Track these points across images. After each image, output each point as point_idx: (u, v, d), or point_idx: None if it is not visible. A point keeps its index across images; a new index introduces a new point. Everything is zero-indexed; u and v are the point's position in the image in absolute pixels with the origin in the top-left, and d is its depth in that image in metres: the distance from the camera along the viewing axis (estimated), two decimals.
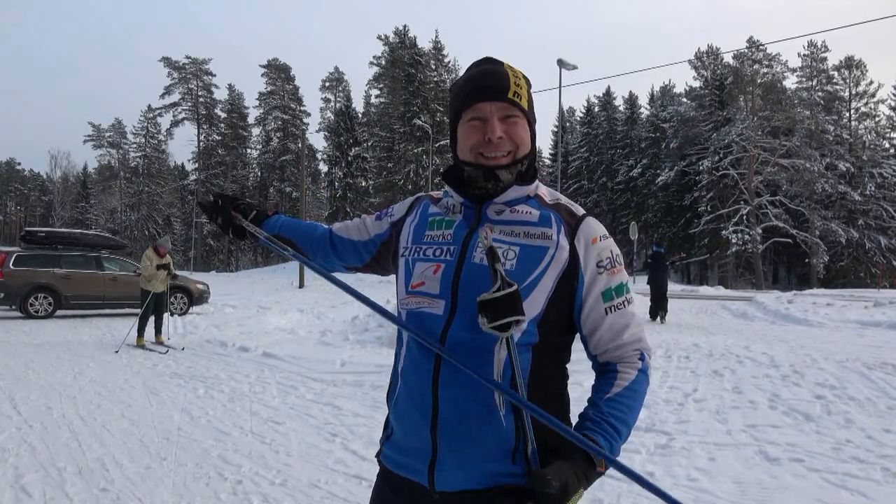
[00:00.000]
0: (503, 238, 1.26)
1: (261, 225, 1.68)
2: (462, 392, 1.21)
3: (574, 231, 1.28)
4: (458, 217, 1.35)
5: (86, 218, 71.39)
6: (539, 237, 1.26)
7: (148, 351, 9.22)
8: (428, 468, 1.24)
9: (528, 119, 1.31)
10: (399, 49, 56.97)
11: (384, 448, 1.39)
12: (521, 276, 1.21)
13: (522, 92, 1.30)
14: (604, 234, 1.30)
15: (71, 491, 3.63)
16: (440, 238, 1.33)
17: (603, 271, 1.27)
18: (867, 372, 6.44)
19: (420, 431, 1.25)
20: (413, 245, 1.37)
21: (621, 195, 55.03)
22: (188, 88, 66.48)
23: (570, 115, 67.22)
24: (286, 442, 4.66)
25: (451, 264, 1.27)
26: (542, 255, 1.24)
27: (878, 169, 42.99)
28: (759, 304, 15.26)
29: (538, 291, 1.23)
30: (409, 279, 1.34)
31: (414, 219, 1.43)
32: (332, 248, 1.62)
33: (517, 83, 1.30)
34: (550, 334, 1.26)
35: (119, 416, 5.40)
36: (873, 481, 3.74)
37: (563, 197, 1.38)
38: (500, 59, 1.35)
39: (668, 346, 8.28)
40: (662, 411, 5.29)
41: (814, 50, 48.61)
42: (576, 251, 1.26)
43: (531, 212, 1.30)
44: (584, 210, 1.35)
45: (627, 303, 1.30)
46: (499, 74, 1.30)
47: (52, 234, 15.56)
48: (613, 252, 1.30)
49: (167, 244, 10.33)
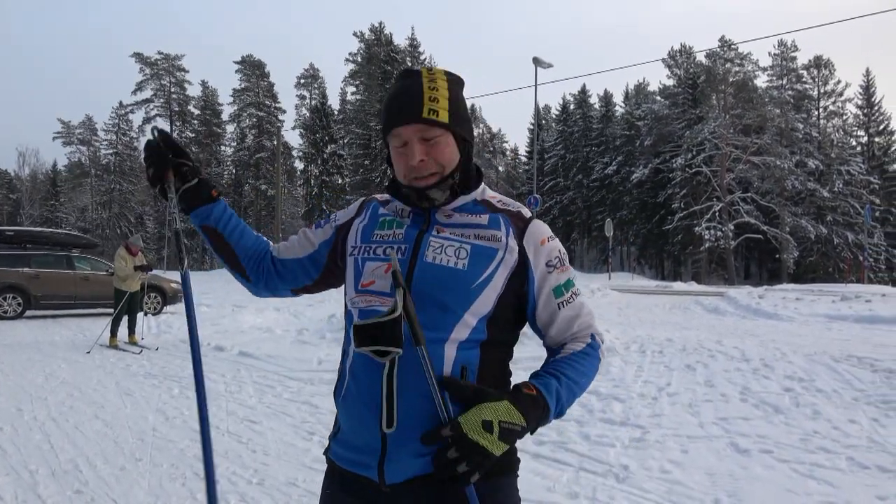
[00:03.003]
0: (454, 237, 1.30)
1: (199, 206, 1.50)
2: (413, 390, 1.23)
3: (522, 233, 1.33)
4: (408, 220, 1.36)
5: (56, 216, 69.90)
6: (489, 239, 1.30)
7: (121, 351, 9.10)
8: (378, 463, 1.26)
9: (452, 131, 1.29)
10: (375, 46, 56.71)
11: (332, 445, 1.40)
12: (474, 275, 1.26)
13: (441, 103, 1.27)
14: (550, 235, 1.37)
15: (44, 493, 3.59)
16: (390, 237, 1.35)
17: (553, 270, 1.34)
18: (834, 365, 6.61)
19: (370, 429, 1.26)
20: (362, 244, 1.38)
21: (596, 192, 55.46)
22: (160, 85, 65.40)
23: (546, 113, 67.51)
24: (263, 441, 4.65)
25: (403, 262, 1.29)
26: (492, 256, 1.28)
27: (845, 166, 43.96)
28: (730, 300, 15.52)
29: (490, 290, 1.27)
30: (358, 278, 1.35)
31: (363, 220, 1.43)
32: (276, 273, 1.54)
33: (433, 96, 1.26)
34: (498, 331, 1.30)
35: (92, 417, 5.33)
36: (839, 471, 3.85)
37: (512, 201, 1.42)
38: (417, 70, 1.31)
39: (642, 341, 8.40)
40: (637, 405, 5.37)
41: (784, 49, 49.50)
42: (525, 252, 1.32)
43: (480, 215, 1.34)
44: (531, 213, 1.39)
45: (575, 295, 1.37)
46: (412, 93, 1.27)
47: (20, 233, 15.27)
48: (561, 252, 1.37)
49: (139, 242, 10.20)
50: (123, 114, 67.60)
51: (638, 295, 20.31)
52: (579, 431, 4.69)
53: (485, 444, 1.12)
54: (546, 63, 26.22)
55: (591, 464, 4.02)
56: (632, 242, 54.47)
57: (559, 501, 3.42)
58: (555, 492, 3.56)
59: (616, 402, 5.41)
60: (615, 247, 51.91)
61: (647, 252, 53.62)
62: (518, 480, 1.36)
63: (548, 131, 63.03)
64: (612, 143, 55.54)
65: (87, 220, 68.24)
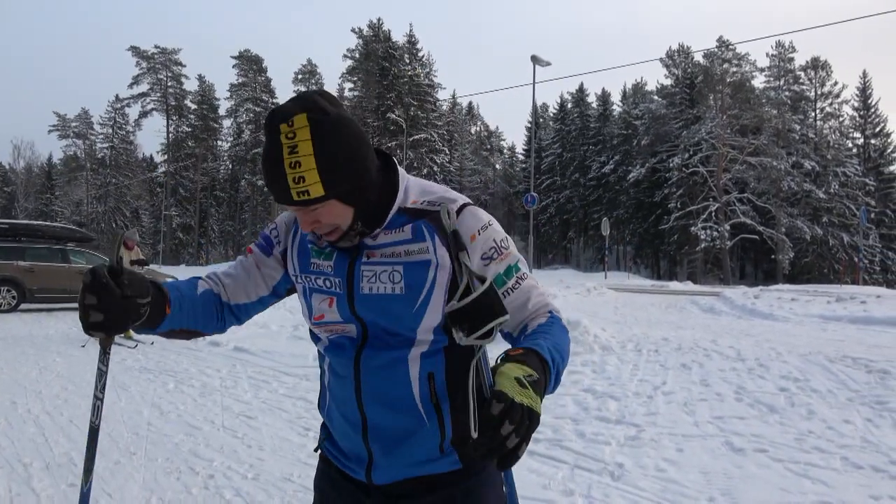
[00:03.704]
0: (385, 260, 1.23)
1: (151, 327, 1.22)
2: (384, 404, 1.26)
3: (446, 235, 1.23)
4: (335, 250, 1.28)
5: (51, 210, 69.61)
6: (418, 252, 1.22)
7: (116, 345, 9.06)
8: (365, 470, 1.30)
9: (332, 192, 1.13)
10: (373, 42, 56.61)
11: (325, 443, 1.42)
12: (413, 297, 1.21)
13: (309, 177, 1.10)
14: (483, 225, 1.24)
15: (38, 487, 3.57)
16: (325, 268, 1.28)
17: (489, 262, 1.23)
18: (829, 365, 6.63)
19: (354, 440, 1.30)
20: (301, 274, 1.32)
21: (593, 191, 55.53)
22: (157, 79, 65.18)
23: (544, 112, 67.53)
24: (258, 436, 4.64)
25: (342, 297, 1.26)
26: (426, 267, 1.21)
27: (841, 168, 44.13)
28: (726, 300, 15.55)
29: (434, 304, 1.22)
30: (310, 309, 1.32)
31: (295, 240, 1.35)
32: (237, 318, 1.41)
33: (297, 176, 1.10)
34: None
35: (87, 410, 5.30)
36: (834, 470, 3.86)
37: (436, 190, 1.30)
38: (275, 127, 1.11)
39: (637, 340, 8.41)
40: (632, 404, 5.38)
41: (781, 50, 49.60)
42: (456, 255, 1.22)
43: (403, 228, 1.23)
44: (458, 204, 1.26)
45: (521, 279, 1.26)
46: (276, 173, 1.11)
47: (15, 226, 15.20)
48: (497, 239, 1.25)
49: (135, 237, 10.17)
50: (119, 107, 67.33)
51: (634, 294, 20.33)
52: (575, 429, 4.70)
53: (530, 403, 0.95)
54: (544, 61, 26.21)
55: (587, 462, 4.02)
56: (628, 242, 54.59)
57: (554, 499, 3.42)
58: (550, 489, 3.56)
59: (611, 401, 5.42)
60: (611, 246, 51.98)
61: (643, 251, 53.75)
62: (513, 477, 1.38)
63: (545, 130, 63.09)
64: (609, 143, 55.60)
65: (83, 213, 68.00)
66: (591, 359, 7.23)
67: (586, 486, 3.60)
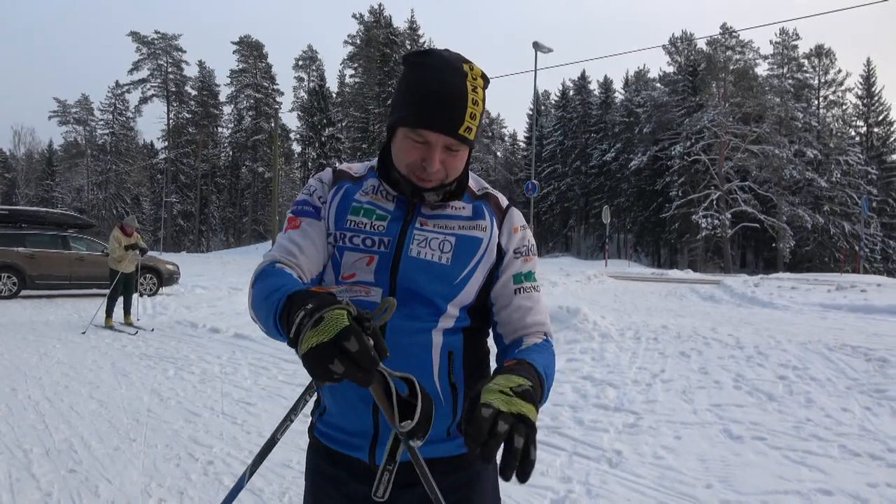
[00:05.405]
0: (438, 230, 1.28)
1: None
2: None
3: (501, 220, 1.35)
4: (390, 206, 1.31)
5: (51, 196, 69.62)
6: (474, 229, 1.31)
7: (116, 332, 9.09)
8: (369, 446, 1.26)
9: (469, 146, 1.26)
10: (374, 28, 56.33)
11: (318, 424, 1.38)
12: (458, 270, 1.26)
13: (476, 116, 1.21)
14: (524, 224, 1.39)
15: (38, 472, 3.59)
16: (369, 228, 1.28)
17: (519, 257, 1.34)
18: (828, 353, 6.63)
19: (361, 415, 1.26)
20: (336, 231, 1.30)
21: (595, 179, 55.42)
22: (157, 64, 64.96)
23: (546, 99, 67.24)
24: (258, 423, 4.65)
25: (387, 256, 1.26)
26: (476, 246, 1.29)
27: (843, 157, 43.99)
28: (726, 288, 15.55)
29: (472, 284, 1.29)
30: (337, 269, 1.30)
31: (336, 197, 1.34)
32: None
33: (473, 112, 1.20)
34: (479, 317, 1.34)
35: (87, 397, 5.33)
36: (831, 458, 3.87)
37: (489, 186, 1.42)
38: (460, 66, 1.21)
39: (637, 328, 8.41)
40: (631, 391, 5.39)
41: (785, 38, 49.33)
42: (500, 239, 1.34)
43: (464, 206, 1.33)
44: (507, 201, 1.41)
45: (535, 289, 1.35)
46: (457, 101, 1.18)
47: (15, 213, 15.17)
48: (530, 242, 1.38)
49: (134, 223, 10.15)
50: (120, 93, 67.20)
51: (634, 282, 20.34)
52: (573, 416, 4.71)
53: (519, 410, 0.94)
54: (546, 48, 26.04)
55: (585, 449, 4.03)
56: (629, 229, 54.53)
57: (552, 485, 3.44)
58: (548, 476, 3.57)
59: (610, 388, 5.43)
60: (612, 234, 51.98)
61: (644, 239, 53.70)
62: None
63: (547, 117, 62.82)
64: (610, 130, 55.42)
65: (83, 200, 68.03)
66: (590, 346, 7.24)
67: (584, 473, 3.62)
